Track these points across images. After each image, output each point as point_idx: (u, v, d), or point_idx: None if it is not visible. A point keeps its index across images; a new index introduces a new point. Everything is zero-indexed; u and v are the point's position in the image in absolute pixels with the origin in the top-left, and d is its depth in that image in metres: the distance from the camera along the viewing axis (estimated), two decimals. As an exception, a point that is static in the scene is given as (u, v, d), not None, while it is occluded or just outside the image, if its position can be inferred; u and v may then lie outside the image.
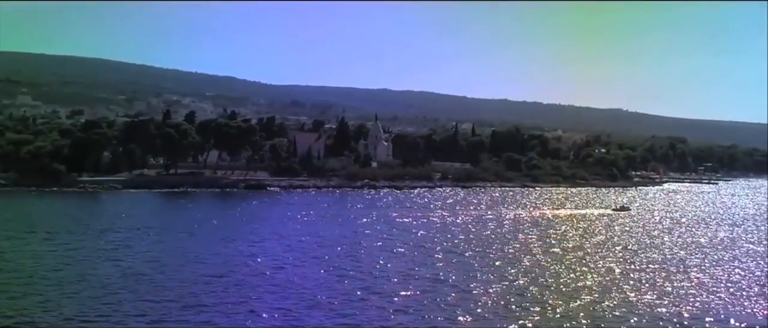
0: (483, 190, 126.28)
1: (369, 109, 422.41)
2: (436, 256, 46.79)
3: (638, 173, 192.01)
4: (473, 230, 63.80)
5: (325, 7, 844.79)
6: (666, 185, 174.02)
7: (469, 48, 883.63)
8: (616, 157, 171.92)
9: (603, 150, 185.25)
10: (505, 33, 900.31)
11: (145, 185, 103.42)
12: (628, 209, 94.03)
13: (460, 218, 75.23)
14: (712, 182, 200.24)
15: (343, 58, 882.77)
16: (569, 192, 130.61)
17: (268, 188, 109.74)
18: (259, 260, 43.19)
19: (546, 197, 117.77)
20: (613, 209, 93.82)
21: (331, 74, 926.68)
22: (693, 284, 39.59)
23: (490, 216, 78.27)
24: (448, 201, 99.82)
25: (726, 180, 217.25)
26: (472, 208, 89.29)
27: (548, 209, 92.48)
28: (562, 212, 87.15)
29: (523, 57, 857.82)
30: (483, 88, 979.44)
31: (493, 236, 59.29)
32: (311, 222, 65.88)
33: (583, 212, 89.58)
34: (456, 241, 55.07)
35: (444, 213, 79.75)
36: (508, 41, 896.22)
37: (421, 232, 60.43)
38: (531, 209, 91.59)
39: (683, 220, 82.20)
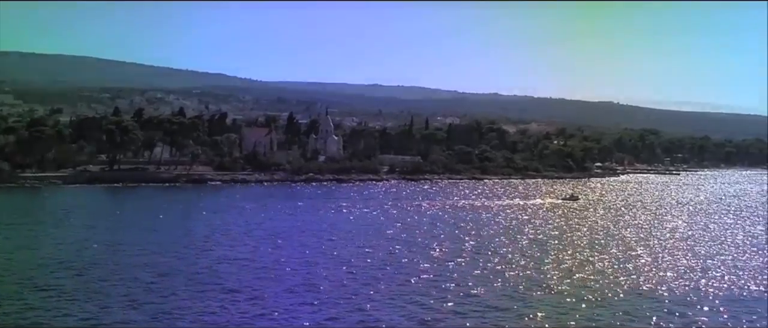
0: (428, 182, 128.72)
1: (357, 105, 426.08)
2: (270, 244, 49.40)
3: (601, 164, 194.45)
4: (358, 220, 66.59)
5: (318, 3, 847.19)
6: (623, 176, 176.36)
7: (461, 43, 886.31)
8: (572, 149, 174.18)
9: (561, 142, 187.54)
10: (497, 29, 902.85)
11: (87, 180, 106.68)
12: (577, 199, 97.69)
13: (359, 209, 77.89)
14: (673, 173, 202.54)
15: (335, 54, 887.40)
16: (518, 183, 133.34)
17: (210, 183, 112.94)
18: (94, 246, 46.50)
19: (491, 188, 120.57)
20: (563, 199, 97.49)
21: (323, 70, 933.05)
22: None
23: (400, 208, 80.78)
24: (371, 192, 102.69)
25: (692, 171, 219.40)
26: (374, 200, 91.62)
27: (489, 200, 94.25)
28: (499, 203, 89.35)
29: (515, 53, 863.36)
30: (474, 83, 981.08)
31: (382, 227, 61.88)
32: (206, 213, 69.08)
33: (531, 202, 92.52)
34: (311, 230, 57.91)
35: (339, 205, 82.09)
36: (500, 37, 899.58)
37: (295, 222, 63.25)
38: (460, 199, 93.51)
39: (602, 209, 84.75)
